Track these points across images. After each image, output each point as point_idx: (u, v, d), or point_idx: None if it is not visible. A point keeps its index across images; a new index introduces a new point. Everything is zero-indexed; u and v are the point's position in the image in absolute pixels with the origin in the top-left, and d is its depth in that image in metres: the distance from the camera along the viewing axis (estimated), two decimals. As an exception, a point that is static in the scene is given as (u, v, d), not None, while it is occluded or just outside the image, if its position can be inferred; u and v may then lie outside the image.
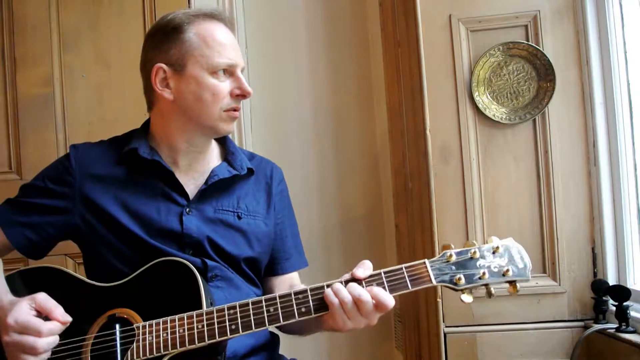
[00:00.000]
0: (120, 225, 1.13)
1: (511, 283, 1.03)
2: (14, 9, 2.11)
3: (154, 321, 1.00)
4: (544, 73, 1.69)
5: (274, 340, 1.26)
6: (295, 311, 0.99)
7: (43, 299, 0.99)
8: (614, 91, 1.65)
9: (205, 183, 1.19)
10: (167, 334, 0.98)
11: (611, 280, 1.65)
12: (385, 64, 2.12)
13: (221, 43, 1.16)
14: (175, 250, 1.13)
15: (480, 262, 1.02)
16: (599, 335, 1.58)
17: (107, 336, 1.01)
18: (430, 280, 1.00)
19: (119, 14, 2.14)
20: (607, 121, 1.68)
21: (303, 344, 1.27)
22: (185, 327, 0.98)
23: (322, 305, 0.99)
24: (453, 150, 1.73)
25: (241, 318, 0.98)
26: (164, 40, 1.17)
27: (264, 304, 0.99)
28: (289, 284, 1.30)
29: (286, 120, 2.24)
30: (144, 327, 0.99)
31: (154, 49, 1.18)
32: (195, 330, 0.98)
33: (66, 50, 2.12)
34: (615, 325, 1.55)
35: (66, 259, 2.02)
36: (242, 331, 0.98)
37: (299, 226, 1.38)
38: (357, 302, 0.97)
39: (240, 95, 1.18)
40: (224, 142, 1.30)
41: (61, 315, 0.98)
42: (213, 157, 1.26)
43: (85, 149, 1.22)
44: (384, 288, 0.99)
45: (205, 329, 0.98)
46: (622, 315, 1.52)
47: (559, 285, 1.68)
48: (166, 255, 1.10)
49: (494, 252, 1.03)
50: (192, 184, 1.20)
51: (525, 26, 1.71)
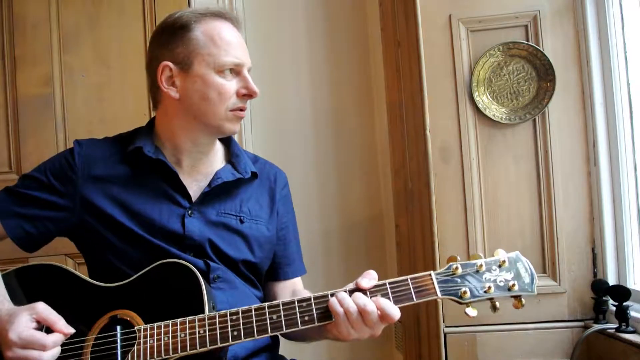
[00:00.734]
0: (122, 225, 1.13)
1: (517, 297, 1.03)
2: (14, 8, 2.11)
3: (156, 324, 0.99)
4: (544, 73, 1.69)
5: (274, 341, 1.25)
6: (299, 319, 0.98)
7: (44, 309, 0.98)
8: (614, 91, 1.65)
9: (209, 186, 1.18)
10: (169, 337, 0.97)
11: (611, 280, 1.65)
12: (385, 64, 2.11)
13: (228, 42, 1.15)
14: (177, 251, 1.12)
15: (486, 276, 1.01)
16: (599, 335, 1.59)
17: (108, 338, 1.00)
18: (435, 293, 0.99)
19: (119, 14, 2.13)
20: (607, 121, 1.68)
21: (303, 345, 1.28)
22: (187, 332, 0.97)
23: (326, 314, 0.98)
24: (453, 150, 1.73)
25: (243, 325, 0.97)
26: (171, 38, 1.15)
27: (267, 311, 0.98)
28: (292, 289, 1.29)
29: (286, 120, 2.24)
30: (145, 330, 0.99)
31: (160, 47, 1.17)
32: (197, 335, 0.97)
33: (66, 50, 2.12)
34: (615, 325, 1.55)
35: (66, 259, 2.02)
36: (244, 338, 0.97)
37: (299, 226, 1.37)
38: (362, 312, 0.95)
39: (247, 95, 1.17)
40: (228, 144, 1.29)
41: (64, 327, 0.97)
42: (217, 159, 1.25)
43: (90, 145, 1.21)
44: (388, 299, 0.97)
45: (207, 334, 0.97)
46: (622, 315, 1.52)
47: (559, 285, 1.68)
48: (169, 255, 1.10)
49: (500, 266, 1.02)
50: (195, 186, 1.19)
51: (525, 26, 1.71)
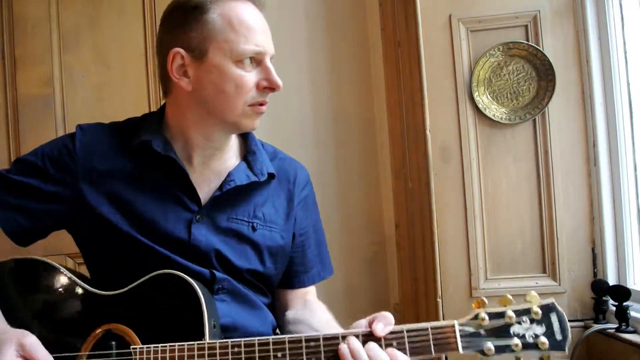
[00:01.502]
0: (120, 231, 1.03)
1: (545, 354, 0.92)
2: (14, 8, 2.11)
3: (152, 347, 0.93)
4: (544, 73, 1.69)
5: None
6: None
7: (31, 346, 0.90)
8: (614, 91, 1.65)
9: (220, 189, 1.05)
10: None
11: (611, 280, 1.65)
12: (385, 64, 2.12)
13: (249, 26, 1.00)
14: (181, 259, 1.03)
15: (515, 329, 0.90)
16: (599, 335, 1.58)
17: (102, 357, 0.95)
18: (456, 348, 0.88)
19: (119, 13, 2.13)
20: (607, 121, 1.68)
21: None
22: (185, 359, 0.92)
23: (335, 358, 0.91)
24: (453, 150, 1.73)
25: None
26: (183, 21, 1.01)
27: (270, 347, 0.92)
28: (304, 298, 1.20)
29: (286, 120, 2.24)
30: (142, 352, 0.93)
31: (170, 31, 1.03)
32: None
33: (66, 50, 2.12)
34: (615, 325, 1.55)
35: (66, 259, 2.01)
36: None
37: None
38: None
39: (268, 88, 1.04)
40: (245, 137, 1.16)
41: None
42: (231, 155, 1.12)
43: (93, 132, 1.09)
44: (404, 349, 0.89)
45: None
46: (622, 315, 1.52)
47: (559, 285, 1.68)
48: (172, 263, 1.01)
49: (532, 319, 0.90)
50: (206, 187, 1.07)
51: (525, 26, 1.71)
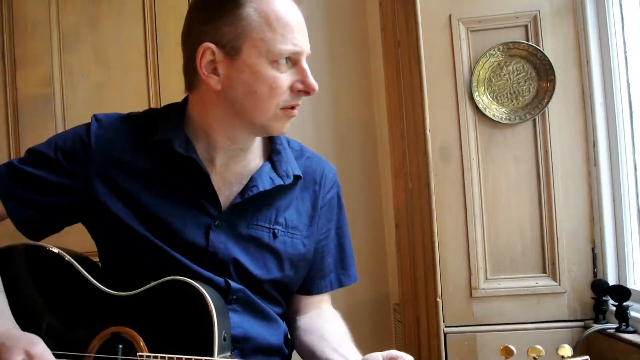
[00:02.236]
0: (135, 232, 0.99)
1: None
2: (14, 8, 2.10)
3: (160, 356, 0.90)
4: (544, 73, 1.69)
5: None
6: None
7: (42, 357, 0.86)
8: (614, 91, 1.65)
9: (242, 194, 1.00)
10: None
11: (611, 280, 1.65)
12: (385, 64, 2.11)
13: (286, 24, 0.93)
14: (196, 267, 0.98)
15: None
16: (599, 335, 1.58)
17: None
18: None
19: (118, 13, 2.13)
20: (607, 121, 1.68)
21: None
22: None
23: None
24: (453, 150, 1.73)
25: None
26: (217, 13, 0.93)
27: None
28: (319, 306, 1.15)
29: (286, 120, 2.24)
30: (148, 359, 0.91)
31: (202, 23, 0.95)
32: None
33: (66, 50, 2.12)
34: (615, 325, 1.55)
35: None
36: None
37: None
38: None
39: (303, 91, 0.98)
40: (271, 137, 1.09)
41: None
42: (255, 156, 1.06)
43: (109, 125, 1.03)
44: None
45: None
46: (622, 315, 1.52)
47: (559, 285, 1.68)
48: (186, 270, 0.97)
49: None
50: (227, 190, 1.01)
51: (525, 26, 1.71)
